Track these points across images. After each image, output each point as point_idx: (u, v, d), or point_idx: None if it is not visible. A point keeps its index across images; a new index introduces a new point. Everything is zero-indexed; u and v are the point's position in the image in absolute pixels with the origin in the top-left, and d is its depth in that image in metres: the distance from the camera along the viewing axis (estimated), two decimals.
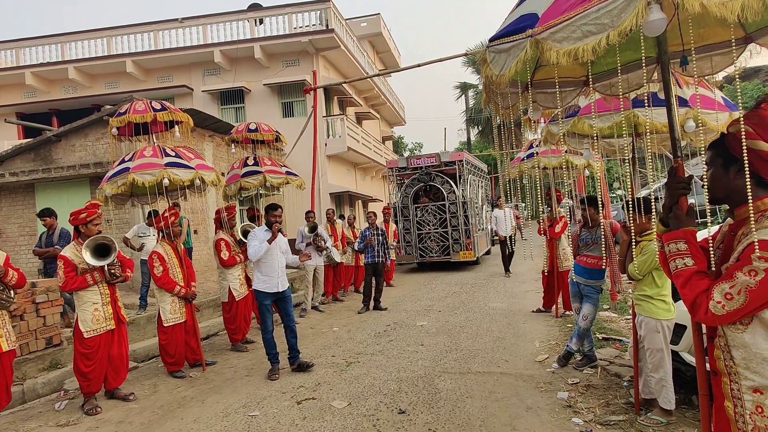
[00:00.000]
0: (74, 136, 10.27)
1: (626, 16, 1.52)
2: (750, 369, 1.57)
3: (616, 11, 1.55)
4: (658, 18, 1.51)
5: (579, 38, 1.65)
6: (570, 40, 1.67)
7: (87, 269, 4.48)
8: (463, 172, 12.71)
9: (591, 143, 3.89)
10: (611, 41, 1.58)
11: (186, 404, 4.44)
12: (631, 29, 1.54)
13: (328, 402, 4.21)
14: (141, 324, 7.20)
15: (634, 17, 1.51)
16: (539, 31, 1.77)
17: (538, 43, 1.77)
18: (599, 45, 1.60)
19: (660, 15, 1.51)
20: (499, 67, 2.00)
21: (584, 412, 3.66)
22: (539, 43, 1.77)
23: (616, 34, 1.55)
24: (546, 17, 1.77)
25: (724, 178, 1.72)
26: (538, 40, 1.77)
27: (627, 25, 1.53)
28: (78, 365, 4.45)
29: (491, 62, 2.07)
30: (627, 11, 1.52)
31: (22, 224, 10.59)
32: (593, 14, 1.61)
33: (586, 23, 1.63)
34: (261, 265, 5.10)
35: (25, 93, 17.87)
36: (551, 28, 1.73)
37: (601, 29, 1.60)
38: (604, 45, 1.59)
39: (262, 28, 16.43)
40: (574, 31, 1.66)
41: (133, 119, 5.04)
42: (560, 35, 1.70)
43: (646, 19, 1.51)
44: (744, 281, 1.51)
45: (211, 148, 12.28)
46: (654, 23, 1.52)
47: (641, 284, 3.45)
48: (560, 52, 1.69)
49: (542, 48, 1.75)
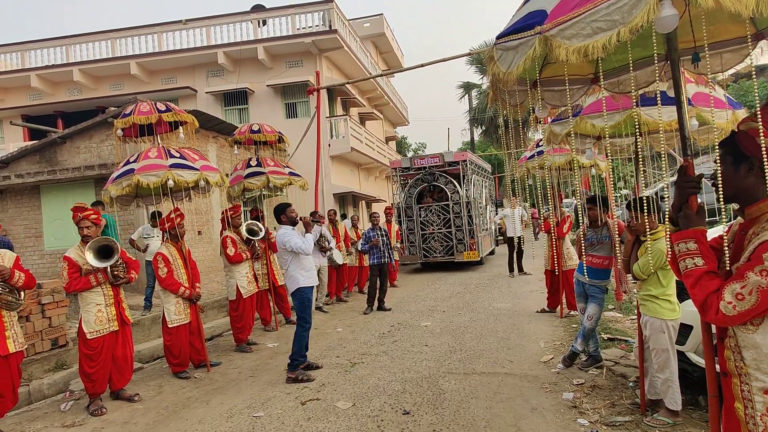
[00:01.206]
0: (79, 138, 10.30)
1: (637, 13, 1.50)
2: (761, 370, 1.55)
3: (627, 7, 1.53)
4: (670, 14, 1.49)
5: (589, 35, 1.63)
6: (580, 37, 1.65)
7: (91, 270, 4.48)
8: (466, 172, 12.68)
9: (594, 143, 3.86)
10: (622, 38, 1.56)
11: (191, 405, 4.44)
12: (642, 26, 1.52)
13: (332, 403, 4.20)
14: (146, 325, 7.21)
15: (645, 14, 1.49)
16: (548, 28, 1.75)
17: (547, 40, 1.75)
18: (609, 42, 1.58)
19: (672, 11, 1.49)
20: (507, 64, 1.98)
21: (590, 412, 3.63)
22: (548, 40, 1.75)
23: (627, 30, 1.53)
24: (555, 14, 1.75)
25: (734, 176, 1.69)
26: (547, 37, 1.75)
27: (638, 21, 1.51)
28: (82, 366, 4.45)
29: (498, 60, 2.05)
30: (638, 7, 1.50)
31: (28, 225, 10.62)
32: (603, 11, 1.59)
33: (596, 20, 1.61)
34: (303, 261, 5.06)
35: (31, 95, 17.96)
36: (560, 25, 1.71)
37: (612, 26, 1.58)
38: (615, 42, 1.57)
39: (265, 29, 16.46)
40: (584, 27, 1.64)
41: (138, 120, 5.04)
42: (570, 32, 1.68)
43: (658, 15, 1.49)
44: (755, 281, 1.49)
45: (214, 149, 12.30)
46: (666, 19, 1.50)
47: (646, 284, 3.42)
48: (570, 49, 1.67)
49: (551, 45, 1.73)
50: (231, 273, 6.28)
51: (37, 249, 10.54)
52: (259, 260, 6.65)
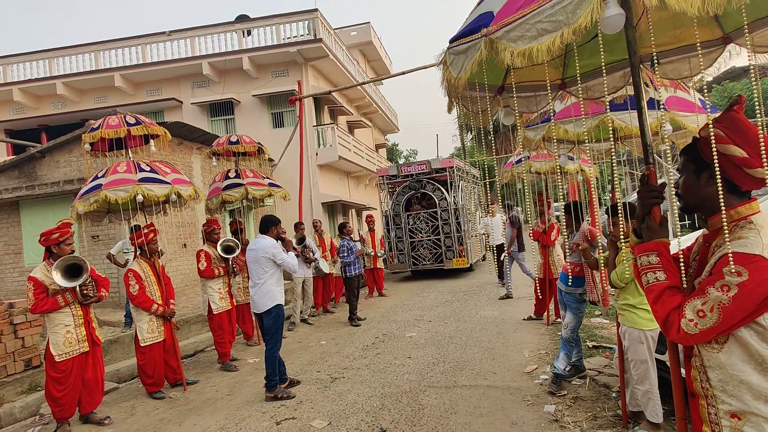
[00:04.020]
0: (58, 152, 10.14)
1: (581, 12, 1.40)
2: (726, 392, 1.44)
3: (571, 7, 1.44)
4: (616, 13, 1.40)
5: (534, 37, 1.53)
6: (525, 39, 1.55)
7: (58, 290, 4.33)
8: (454, 179, 12.61)
9: (572, 148, 3.78)
10: (566, 40, 1.47)
11: (163, 427, 4.28)
12: (587, 27, 1.43)
13: (308, 422, 4.05)
14: (125, 342, 7.03)
15: (590, 13, 1.39)
16: (493, 30, 1.65)
17: (492, 43, 1.65)
18: (554, 44, 1.49)
19: (617, 10, 1.40)
20: (458, 69, 1.89)
21: (571, 426, 3.52)
22: (494, 42, 1.65)
23: (570, 31, 1.44)
24: (501, 15, 1.65)
25: (696, 185, 1.60)
26: (493, 40, 1.65)
27: (582, 21, 1.41)
28: (50, 390, 4.28)
29: (451, 64, 1.95)
30: (582, 7, 1.41)
31: (7, 242, 10.41)
32: (548, 11, 1.49)
33: (541, 20, 1.51)
34: (280, 276, 4.90)
35: (14, 109, 17.74)
36: (505, 27, 1.61)
37: (556, 27, 1.48)
38: (558, 45, 1.48)
39: (250, 39, 16.37)
40: (529, 29, 1.54)
41: (106, 135, 4.91)
42: (514, 34, 1.58)
43: (603, 15, 1.40)
44: (716, 297, 1.39)
45: (199, 161, 12.16)
46: (611, 19, 1.40)
47: (624, 292, 3.32)
48: (515, 52, 1.57)
49: (497, 48, 1.63)
50: (204, 288, 6.17)
51: (17, 266, 10.32)
52: (236, 275, 6.50)
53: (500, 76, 2.59)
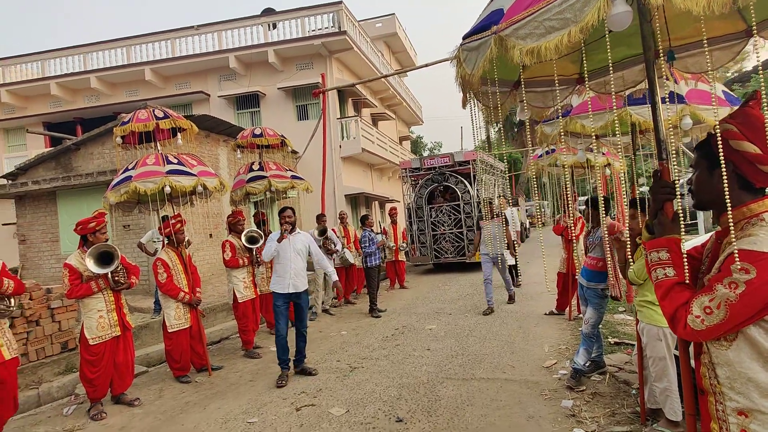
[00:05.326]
0: (92, 145, 10.52)
1: (589, 10, 1.41)
2: (734, 389, 1.44)
3: (578, 5, 1.44)
4: (623, 11, 1.39)
5: (542, 35, 1.54)
6: (533, 36, 1.56)
7: (92, 276, 4.54)
8: (477, 172, 12.52)
9: (589, 143, 3.73)
10: (573, 38, 1.47)
11: (188, 410, 4.46)
12: (594, 24, 1.43)
13: (326, 409, 4.16)
14: (155, 328, 7.29)
15: (597, 11, 1.39)
16: (503, 28, 1.67)
17: (502, 41, 1.67)
18: (561, 42, 1.49)
19: (624, 8, 1.39)
20: (471, 65, 1.90)
21: (588, 421, 3.51)
22: (503, 40, 1.66)
23: (578, 29, 1.44)
24: (510, 13, 1.67)
25: (709, 181, 1.59)
26: (502, 37, 1.66)
27: (589, 19, 1.41)
28: (84, 372, 4.51)
29: (464, 61, 1.97)
30: (590, 4, 1.41)
31: (45, 231, 10.90)
32: (556, 8, 1.49)
33: (549, 18, 1.52)
34: (275, 265, 5.15)
35: (51, 103, 18.46)
36: (514, 24, 1.62)
37: (564, 24, 1.49)
38: (566, 43, 1.48)
39: (275, 32, 16.56)
40: (537, 27, 1.55)
41: (136, 128, 5.09)
42: (523, 32, 1.59)
43: (610, 12, 1.40)
44: (723, 294, 1.38)
45: (225, 153, 12.41)
46: (618, 16, 1.40)
47: (642, 289, 3.28)
48: (523, 49, 1.59)
49: (506, 45, 1.65)
50: (229, 277, 6.36)
51: (54, 253, 10.80)
52: (260, 265, 6.66)
53: (516, 71, 2.59)
